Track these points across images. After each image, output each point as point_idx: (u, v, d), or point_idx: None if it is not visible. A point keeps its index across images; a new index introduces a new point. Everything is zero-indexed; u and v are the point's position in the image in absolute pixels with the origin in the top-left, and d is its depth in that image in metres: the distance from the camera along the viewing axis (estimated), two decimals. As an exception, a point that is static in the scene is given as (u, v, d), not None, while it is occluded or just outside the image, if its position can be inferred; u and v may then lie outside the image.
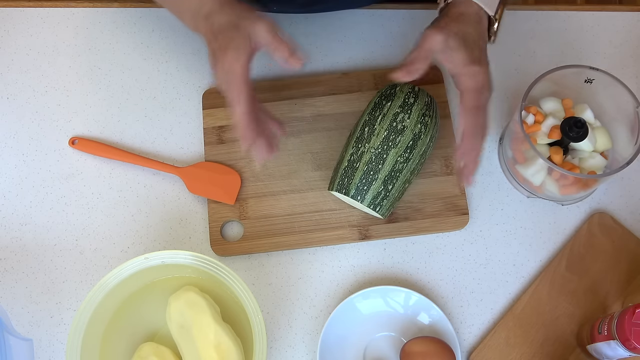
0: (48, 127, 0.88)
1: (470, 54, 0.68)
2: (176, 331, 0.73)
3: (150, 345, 0.74)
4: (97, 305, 0.70)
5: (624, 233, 0.82)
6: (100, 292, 0.70)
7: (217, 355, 0.71)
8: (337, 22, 0.93)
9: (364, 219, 0.82)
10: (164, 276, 0.75)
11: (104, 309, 0.72)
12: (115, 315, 0.74)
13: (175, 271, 0.75)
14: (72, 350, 0.68)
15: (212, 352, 0.71)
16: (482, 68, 0.68)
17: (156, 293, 0.76)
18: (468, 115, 0.69)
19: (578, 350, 0.78)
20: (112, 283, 0.70)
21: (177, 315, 0.72)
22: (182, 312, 0.72)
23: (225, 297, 0.75)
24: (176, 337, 0.73)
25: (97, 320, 0.71)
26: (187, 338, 0.72)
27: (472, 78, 0.68)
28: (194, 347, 0.71)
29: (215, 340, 0.71)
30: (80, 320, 0.69)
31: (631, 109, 0.76)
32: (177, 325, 0.73)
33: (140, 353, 0.73)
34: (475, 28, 0.70)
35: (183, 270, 0.74)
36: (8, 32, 0.92)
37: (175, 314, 0.73)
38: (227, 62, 0.64)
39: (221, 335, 0.71)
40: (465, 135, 0.69)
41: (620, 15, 0.94)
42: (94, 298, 0.70)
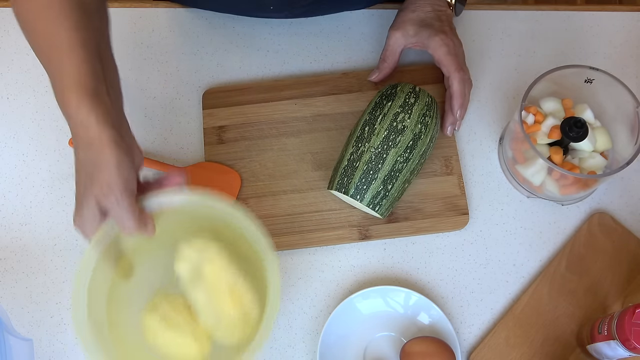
0: (48, 127, 0.88)
1: (439, 37, 0.81)
2: (186, 279, 0.69)
3: (162, 294, 0.71)
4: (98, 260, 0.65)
5: (624, 233, 0.82)
6: (101, 244, 0.64)
7: (231, 299, 0.67)
8: (337, 22, 0.93)
9: (364, 219, 0.82)
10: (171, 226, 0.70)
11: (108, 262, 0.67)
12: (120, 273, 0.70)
13: (182, 219, 0.70)
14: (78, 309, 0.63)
15: (226, 296, 0.67)
16: (467, 74, 0.83)
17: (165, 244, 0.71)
18: (457, 93, 0.82)
19: (578, 350, 0.78)
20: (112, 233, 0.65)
21: (188, 262, 0.69)
22: (193, 259, 0.68)
23: (236, 244, 0.71)
24: (186, 285, 0.69)
25: (100, 277, 0.66)
26: (198, 285, 0.68)
27: (461, 83, 0.81)
28: (207, 294, 0.68)
29: (228, 284, 0.68)
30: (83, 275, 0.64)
31: (631, 109, 0.76)
32: (187, 273, 0.69)
33: (153, 301, 0.70)
34: (432, 8, 0.84)
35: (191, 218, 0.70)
36: (8, 32, 0.92)
37: (186, 261, 0.69)
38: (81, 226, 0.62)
39: (235, 278, 0.68)
40: (455, 91, 0.82)
41: (620, 15, 0.93)
42: (94, 250, 0.64)
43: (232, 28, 0.93)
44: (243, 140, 0.86)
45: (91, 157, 0.59)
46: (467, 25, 0.92)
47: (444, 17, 0.84)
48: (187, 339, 0.69)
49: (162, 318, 0.69)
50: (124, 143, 0.59)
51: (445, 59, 0.81)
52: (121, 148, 0.59)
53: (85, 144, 0.59)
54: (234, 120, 0.86)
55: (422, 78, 0.88)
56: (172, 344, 0.69)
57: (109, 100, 0.60)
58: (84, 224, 0.61)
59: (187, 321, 0.70)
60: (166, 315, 0.69)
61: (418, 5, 0.84)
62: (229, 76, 0.90)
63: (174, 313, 0.70)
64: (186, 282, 0.69)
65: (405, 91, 0.78)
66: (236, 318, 0.68)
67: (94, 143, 0.58)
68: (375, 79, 0.86)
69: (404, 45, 0.85)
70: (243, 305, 0.68)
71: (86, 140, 0.59)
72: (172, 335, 0.68)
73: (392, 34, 0.84)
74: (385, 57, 0.85)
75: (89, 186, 0.59)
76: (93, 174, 0.59)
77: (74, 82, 0.58)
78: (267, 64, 0.91)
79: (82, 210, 0.61)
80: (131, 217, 0.60)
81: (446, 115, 0.83)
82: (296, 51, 0.92)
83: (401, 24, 0.84)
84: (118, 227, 0.62)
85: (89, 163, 0.59)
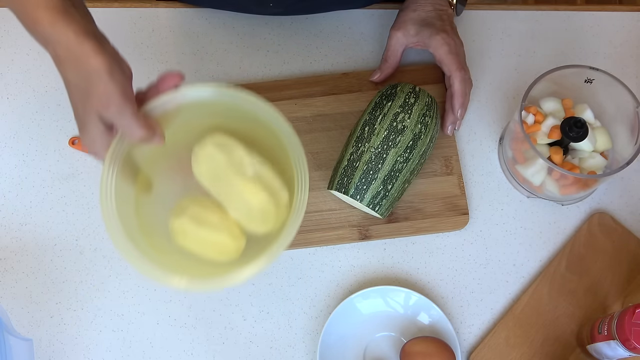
0: (48, 127, 0.88)
1: (440, 36, 0.81)
2: (208, 180, 0.67)
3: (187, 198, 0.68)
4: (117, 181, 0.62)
5: (624, 233, 0.82)
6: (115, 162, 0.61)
7: (262, 185, 0.65)
8: (337, 22, 0.93)
9: (364, 219, 0.82)
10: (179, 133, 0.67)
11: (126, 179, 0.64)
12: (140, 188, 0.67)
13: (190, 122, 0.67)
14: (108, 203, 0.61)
15: (256, 183, 0.65)
16: (467, 74, 0.83)
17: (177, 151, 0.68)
18: (457, 93, 0.83)
19: (578, 350, 0.78)
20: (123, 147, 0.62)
21: (207, 162, 0.66)
22: (212, 157, 0.66)
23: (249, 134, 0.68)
24: (209, 186, 0.67)
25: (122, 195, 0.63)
26: (222, 183, 0.66)
27: (461, 82, 0.81)
28: (234, 188, 0.66)
29: (255, 172, 0.65)
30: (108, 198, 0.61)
31: (631, 109, 0.76)
32: (208, 174, 0.67)
33: (179, 206, 0.67)
34: (433, 7, 0.84)
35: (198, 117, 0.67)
36: (8, 32, 0.92)
37: (204, 161, 0.66)
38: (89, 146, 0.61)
39: (260, 166, 0.66)
40: (456, 90, 0.82)
41: (620, 15, 0.93)
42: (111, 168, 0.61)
43: (232, 28, 0.93)
44: (243, 140, 0.86)
45: (81, 72, 0.57)
46: (467, 25, 0.92)
47: (445, 16, 0.84)
48: (221, 234, 0.67)
49: (192, 218, 0.66)
50: (108, 51, 0.57)
51: (446, 58, 0.81)
52: (107, 55, 0.57)
53: (70, 62, 0.57)
54: (234, 120, 0.86)
55: (423, 78, 0.88)
56: (206, 242, 0.67)
57: (80, 16, 0.58)
58: (93, 144, 0.60)
59: (218, 217, 0.67)
60: (196, 215, 0.67)
61: (419, 5, 0.84)
62: (229, 76, 0.90)
63: (203, 212, 0.67)
64: (209, 181, 0.67)
65: (405, 91, 0.78)
66: (268, 204, 0.65)
67: (79, 57, 0.56)
68: (377, 79, 0.87)
69: (406, 45, 0.85)
70: (272, 191, 0.66)
71: (69, 57, 0.56)
72: (205, 232, 0.66)
73: (394, 34, 0.84)
74: (387, 57, 0.85)
75: (87, 102, 0.57)
76: (87, 89, 0.57)
77: (41, 3, 0.56)
78: (267, 64, 0.91)
79: (87, 130, 0.59)
80: (137, 123, 0.58)
81: (447, 114, 0.83)
82: (296, 51, 0.92)
83: (402, 24, 0.84)
84: (127, 138, 0.60)
85: (80, 80, 0.57)
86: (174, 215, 0.67)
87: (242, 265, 0.62)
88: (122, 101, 0.57)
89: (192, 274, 0.63)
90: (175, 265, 0.65)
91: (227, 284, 0.62)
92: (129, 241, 0.61)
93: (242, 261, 0.64)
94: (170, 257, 0.67)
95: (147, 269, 0.61)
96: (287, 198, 0.66)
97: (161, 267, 0.62)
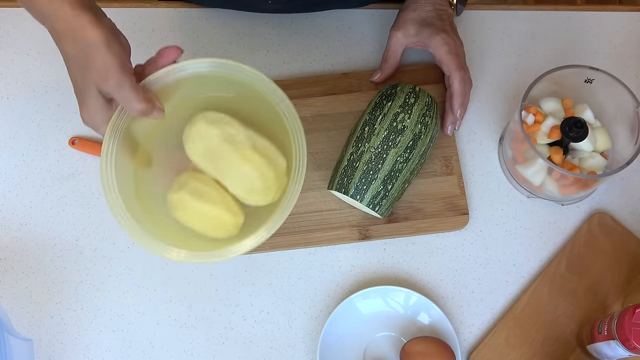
0: (48, 127, 0.88)
1: (440, 36, 0.81)
2: (204, 158, 0.67)
3: (186, 174, 0.68)
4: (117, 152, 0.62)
5: (624, 233, 0.82)
6: (115, 136, 0.62)
7: (260, 155, 0.65)
8: (337, 22, 0.93)
9: (364, 219, 0.82)
10: (178, 108, 0.67)
11: (126, 153, 0.65)
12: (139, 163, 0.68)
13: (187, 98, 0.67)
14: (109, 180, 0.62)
15: (253, 154, 0.65)
16: (467, 74, 0.82)
17: (176, 127, 0.68)
18: (457, 93, 0.82)
19: (578, 350, 0.78)
20: (123, 121, 0.62)
21: (200, 140, 0.66)
22: (205, 133, 0.66)
23: (246, 108, 0.68)
24: (204, 164, 0.67)
25: (122, 168, 0.64)
26: (219, 159, 0.66)
27: (461, 82, 0.81)
28: (232, 162, 0.66)
29: (251, 143, 0.65)
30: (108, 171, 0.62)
31: (631, 109, 0.76)
32: (202, 151, 0.66)
33: (179, 181, 0.68)
34: (433, 7, 0.84)
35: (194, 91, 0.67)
36: (8, 32, 0.92)
37: (197, 139, 0.66)
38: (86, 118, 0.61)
39: (255, 137, 0.66)
40: (456, 90, 0.82)
41: (620, 15, 0.93)
42: (111, 142, 0.62)
43: (232, 28, 0.93)
44: (243, 140, 0.85)
45: (78, 46, 0.57)
46: (467, 25, 0.92)
47: (445, 16, 0.84)
48: (221, 209, 0.67)
49: (191, 193, 0.66)
50: (105, 24, 0.58)
51: (446, 58, 0.81)
52: (105, 28, 0.57)
53: (68, 35, 0.57)
54: (234, 120, 0.86)
55: (423, 78, 0.88)
56: (205, 216, 0.67)
57: None
58: (92, 117, 0.59)
59: (217, 193, 0.67)
60: (195, 189, 0.67)
61: (419, 5, 0.84)
62: (229, 76, 0.90)
63: (202, 187, 0.67)
64: (204, 159, 0.67)
65: (405, 91, 0.78)
66: (267, 173, 0.66)
67: (76, 30, 0.56)
68: (377, 79, 0.87)
69: (406, 45, 0.85)
70: (270, 159, 0.66)
71: (67, 30, 0.57)
72: (204, 206, 0.66)
73: (394, 34, 0.84)
74: (387, 58, 0.85)
75: (86, 75, 0.57)
76: (86, 62, 0.57)
77: None
78: (267, 64, 0.91)
79: (86, 103, 0.58)
80: (136, 96, 0.58)
81: (446, 114, 0.83)
82: (296, 51, 0.92)
83: (402, 24, 0.84)
84: (126, 111, 0.60)
85: (78, 53, 0.57)
86: (173, 189, 0.67)
87: (241, 238, 0.62)
88: (121, 73, 0.57)
89: (191, 247, 0.63)
90: (173, 238, 0.65)
91: (227, 255, 0.62)
92: (127, 212, 0.62)
93: (240, 236, 0.64)
94: (168, 231, 0.67)
95: (145, 241, 0.62)
96: (285, 165, 0.66)
97: (159, 239, 0.62)
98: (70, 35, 0.57)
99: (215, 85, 0.66)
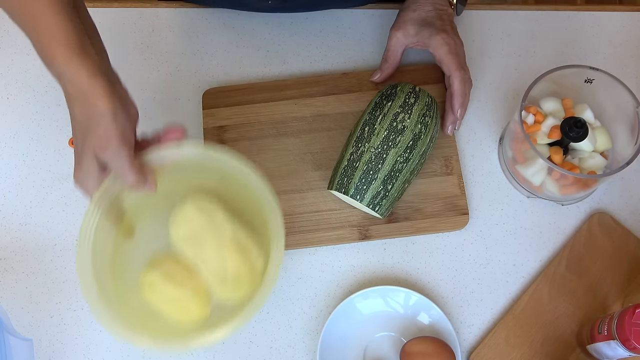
0: (48, 127, 0.88)
1: (440, 36, 0.81)
2: (185, 241, 0.67)
3: (165, 252, 0.69)
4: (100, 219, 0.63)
5: (624, 233, 0.82)
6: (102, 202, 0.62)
7: (239, 250, 0.66)
8: (337, 22, 0.93)
9: (364, 219, 0.82)
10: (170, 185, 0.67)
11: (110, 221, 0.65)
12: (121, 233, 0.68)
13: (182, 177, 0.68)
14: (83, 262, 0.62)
15: (233, 248, 0.66)
16: (467, 73, 0.82)
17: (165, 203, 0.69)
18: (457, 93, 0.83)
19: (578, 350, 0.78)
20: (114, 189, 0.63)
21: (186, 223, 0.67)
22: (193, 219, 0.67)
23: (236, 199, 0.69)
24: (186, 248, 0.67)
25: (102, 236, 0.64)
26: (200, 245, 0.67)
27: (461, 82, 0.81)
28: (211, 251, 0.66)
29: (234, 237, 0.66)
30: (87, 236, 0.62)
31: (631, 109, 0.76)
32: (186, 235, 0.67)
33: (155, 259, 0.68)
34: (433, 7, 0.84)
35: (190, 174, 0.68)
36: (8, 32, 0.92)
37: (183, 222, 0.67)
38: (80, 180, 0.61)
39: (239, 231, 0.67)
40: (456, 90, 0.82)
41: (620, 15, 0.94)
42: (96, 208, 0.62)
43: (232, 28, 0.93)
44: (243, 140, 0.86)
45: (86, 111, 0.57)
46: (467, 25, 0.92)
47: (445, 16, 0.84)
48: (190, 298, 0.67)
49: (164, 275, 0.67)
50: (117, 93, 0.58)
51: (446, 58, 0.81)
52: (115, 98, 0.57)
53: (79, 99, 0.58)
54: (234, 120, 0.86)
55: (423, 78, 0.88)
56: (173, 301, 0.67)
57: (95, 53, 0.58)
58: (84, 180, 0.60)
59: (191, 279, 0.67)
60: (169, 272, 0.67)
61: (419, 5, 0.84)
62: (229, 76, 0.90)
63: (177, 270, 0.67)
64: (186, 243, 0.67)
65: (405, 91, 0.78)
66: (243, 271, 0.66)
67: (87, 96, 0.57)
68: (377, 79, 0.87)
69: (406, 45, 0.85)
70: (250, 258, 0.66)
71: (79, 95, 0.57)
72: (174, 291, 0.66)
73: (393, 34, 0.84)
74: (387, 58, 0.85)
75: (87, 140, 0.58)
76: (89, 128, 0.58)
77: (58, 38, 0.57)
78: (267, 64, 0.91)
79: (81, 165, 0.59)
80: (131, 169, 0.59)
81: (447, 114, 0.83)
82: (296, 51, 0.92)
83: (402, 24, 0.84)
84: (119, 182, 0.60)
85: (84, 117, 0.58)
86: (147, 267, 0.68)
87: (206, 328, 0.62)
88: (120, 145, 0.58)
89: (155, 331, 0.63)
90: (139, 319, 0.65)
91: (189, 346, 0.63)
92: (98, 295, 0.61)
93: (206, 325, 0.64)
94: (134, 310, 0.67)
95: (110, 325, 0.61)
96: (262, 266, 0.66)
97: (125, 320, 0.62)
98: (80, 100, 0.58)
99: (213, 171, 0.66)
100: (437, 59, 0.83)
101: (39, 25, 0.58)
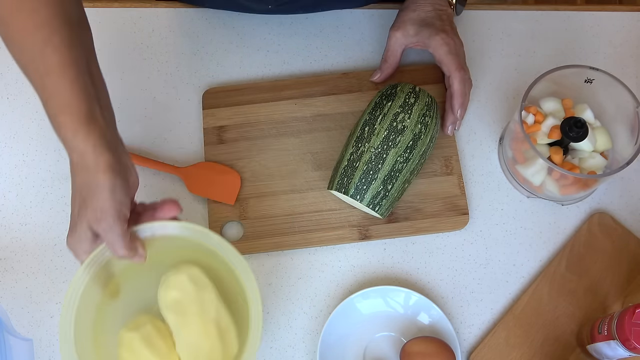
0: (48, 127, 0.87)
1: (440, 36, 0.81)
2: (171, 306, 0.69)
3: (146, 316, 0.71)
4: (87, 283, 0.64)
5: (624, 233, 0.82)
6: (92, 267, 0.64)
7: (218, 332, 0.67)
8: (337, 22, 0.93)
9: (364, 219, 0.82)
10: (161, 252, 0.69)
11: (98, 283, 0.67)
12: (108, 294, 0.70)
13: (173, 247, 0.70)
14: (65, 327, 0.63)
15: (213, 328, 0.67)
16: (467, 74, 0.82)
17: (154, 268, 0.70)
18: (457, 93, 0.82)
19: (578, 350, 0.78)
20: (104, 256, 0.65)
21: (177, 290, 0.68)
22: (184, 287, 0.68)
23: (221, 278, 0.71)
24: (168, 313, 0.69)
25: (89, 297, 0.66)
26: (183, 315, 0.68)
27: (461, 82, 0.81)
28: (191, 324, 0.68)
29: (216, 317, 0.68)
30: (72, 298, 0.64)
31: (631, 109, 0.76)
32: (173, 300, 0.68)
33: (136, 321, 0.70)
34: (433, 7, 0.84)
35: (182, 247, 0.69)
36: (8, 32, 0.92)
37: (175, 288, 0.68)
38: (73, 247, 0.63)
39: (222, 312, 0.68)
40: (456, 90, 0.82)
41: (620, 15, 0.94)
42: (85, 272, 0.64)
43: (232, 28, 0.93)
44: (243, 140, 0.86)
45: (86, 181, 0.59)
46: (467, 25, 0.92)
47: (445, 16, 0.84)
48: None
49: (143, 337, 0.68)
50: (119, 166, 0.59)
51: (446, 58, 0.81)
52: (116, 172, 0.59)
53: (81, 168, 0.59)
54: (234, 120, 0.86)
55: (423, 78, 0.88)
56: None
57: (103, 122, 0.60)
58: (76, 246, 0.62)
59: (168, 347, 0.70)
60: (148, 335, 0.69)
61: (419, 5, 0.84)
62: (229, 76, 0.90)
63: (156, 336, 0.69)
64: (172, 306, 0.69)
65: (405, 91, 0.78)
66: (217, 351, 0.68)
67: (90, 168, 0.58)
68: (377, 79, 0.87)
69: (405, 45, 0.85)
70: (226, 340, 0.68)
71: (82, 164, 0.59)
72: (150, 356, 0.68)
73: (393, 34, 0.84)
74: (387, 58, 0.85)
75: (83, 210, 0.60)
76: (87, 198, 0.59)
77: (67, 106, 0.58)
78: (267, 64, 0.91)
79: (75, 231, 0.61)
80: (122, 244, 0.61)
81: (447, 114, 0.83)
82: (296, 51, 0.92)
83: (402, 24, 0.84)
84: (110, 251, 0.63)
85: (84, 186, 0.59)
86: (128, 327, 0.69)
87: None
88: (114, 220, 0.59)
89: None
90: None
91: None
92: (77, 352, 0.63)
93: None
94: None
95: None
96: (236, 351, 0.68)
97: None
98: (83, 169, 0.59)
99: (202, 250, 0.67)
100: (436, 59, 0.83)
101: (49, 90, 0.59)
